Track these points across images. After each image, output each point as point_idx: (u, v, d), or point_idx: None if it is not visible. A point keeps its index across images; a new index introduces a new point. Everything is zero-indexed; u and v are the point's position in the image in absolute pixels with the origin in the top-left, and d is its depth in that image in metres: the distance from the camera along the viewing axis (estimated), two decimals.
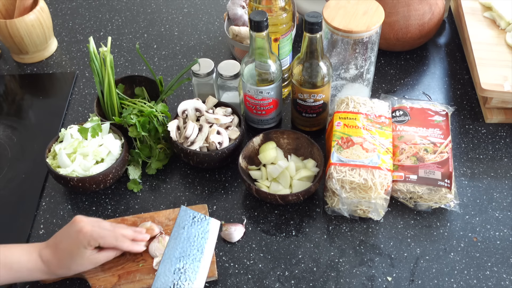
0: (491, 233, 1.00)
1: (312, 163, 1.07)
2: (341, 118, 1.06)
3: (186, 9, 1.48)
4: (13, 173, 1.13)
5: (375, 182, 0.96)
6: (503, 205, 1.04)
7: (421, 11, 1.21)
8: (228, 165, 1.11)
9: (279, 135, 1.10)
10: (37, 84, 1.31)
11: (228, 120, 1.09)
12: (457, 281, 0.94)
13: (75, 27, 1.44)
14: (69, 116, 1.23)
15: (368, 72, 1.14)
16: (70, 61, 1.36)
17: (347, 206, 0.99)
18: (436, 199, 1.01)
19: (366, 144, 1.01)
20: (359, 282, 0.94)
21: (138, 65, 1.34)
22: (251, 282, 0.95)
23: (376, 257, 0.98)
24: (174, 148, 1.08)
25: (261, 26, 0.98)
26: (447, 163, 1.02)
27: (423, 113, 1.11)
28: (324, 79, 1.04)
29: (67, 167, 1.02)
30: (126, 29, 1.43)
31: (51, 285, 0.96)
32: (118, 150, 1.06)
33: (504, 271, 0.95)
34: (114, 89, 1.09)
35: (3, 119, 1.24)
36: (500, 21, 1.24)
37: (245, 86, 1.08)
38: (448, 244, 0.99)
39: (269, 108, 1.11)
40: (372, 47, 1.08)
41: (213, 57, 1.33)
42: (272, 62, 1.04)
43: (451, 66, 1.30)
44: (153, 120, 1.08)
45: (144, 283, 0.93)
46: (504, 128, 1.17)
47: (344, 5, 1.07)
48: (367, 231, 1.01)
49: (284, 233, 1.01)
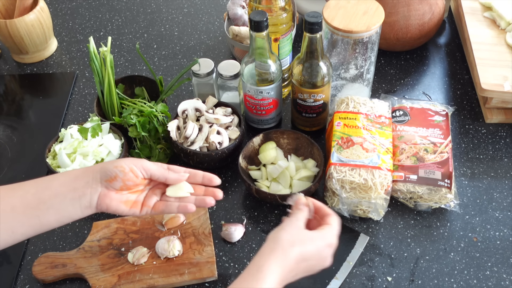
0: (491, 233, 1.00)
1: (312, 163, 1.07)
2: (341, 118, 1.06)
3: (186, 9, 1.48)
4: (13, 173, 1.13)
5: (375, 182, 0.96)
6: (503, 205, 1.04)
7: (421, 11, 1.21)
8: (228, 165, 1.11)
9: (279, 135, 1.10)
10: (37, 84, 1.31)
11: (228, 120, 1.09)
12: (457, 281, 0.94)
13: (75, 27, 1.44)
14: (69, 116, 1.23)
15: (368, 72, 1.14)
16: (70, 61, 1.36)
17: (347, 206, 0.99)
18: (436, 199, 1.01)
19: (366, 144, 1.01)
20: (359, 282, 0.94)
21: (138, 65, 1.34)
22: None
23: (376, 257, 0.98)
24: (174, 148, 1.08)
25: (261, 26, 0.98)
26: (447, 163, 1.02)
27: (423, 113, 1.11)
28: (324, 79, 1.04)
29: (67, 167, 1.02)
30: (126, 29, 1.43)
31: (51, 285, 0.96)
32: (118, 150, 1.06)
33: (504, 271, 0.95)
34: (114, 89, 1.09)
35: (3, 119, 1.24)
36: (500, 21, 1.24)
37: (245, 86, 1.08)
38: (448, 244, 0.99)
39: (269, 108, 1.11)
40: (372, 47, 1.08)
41: (213, 57, 1.33)
42: (272, 62, 1.04)
43: (451, 66, 1.30)
44: (153, 120, 1.08)
45: (144, 283, 0.93)
46: (504, 128, 1.17)
47: (344, 5, 1.07)
48: (367, 231, 1.01)
49: None
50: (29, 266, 0.98)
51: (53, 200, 0.77)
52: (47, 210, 0.77)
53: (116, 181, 0.79)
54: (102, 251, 0.98)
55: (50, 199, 0.77)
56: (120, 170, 0.79)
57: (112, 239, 0.99)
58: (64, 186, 0.78)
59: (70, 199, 0.78)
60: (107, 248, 0.98)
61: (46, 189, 0.78)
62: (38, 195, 0.77)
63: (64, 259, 0.97)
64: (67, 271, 0.96)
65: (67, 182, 0.79)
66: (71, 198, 0.78)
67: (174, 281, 0.94)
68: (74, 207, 0.79)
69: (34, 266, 0.96)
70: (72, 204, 0.78)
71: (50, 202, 0.77)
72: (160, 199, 0.85)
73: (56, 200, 0.78)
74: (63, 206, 0.78)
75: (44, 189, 0.78)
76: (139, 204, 0.83)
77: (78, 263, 0.96)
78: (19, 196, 0.77)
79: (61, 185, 0.78)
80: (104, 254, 0.97)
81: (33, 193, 0.77)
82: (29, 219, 0.77)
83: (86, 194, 0.79)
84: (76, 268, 0.96)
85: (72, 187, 0.78)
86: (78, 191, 0.78)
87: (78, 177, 0.79)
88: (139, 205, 0.83)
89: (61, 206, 0.78)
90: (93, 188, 0.79)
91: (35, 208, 0.77)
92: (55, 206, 0.78)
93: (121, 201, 0.81)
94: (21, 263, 0.99)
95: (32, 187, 0.78)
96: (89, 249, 0.98)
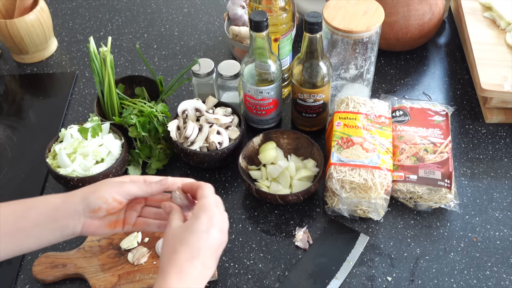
0: (491, 233, 1.00)
1: (312, 163, 1.07)
2: (341, 118, 1.06)
3: (186, 9, 1.48)
4: (13, 173, 1.13)
5: (375, 182, 0.96)
6: (503, 205, 1.04)
7: (421, 11, 1.21)
8: (228, 165, 1.11)
9: (279, 135, 1.10)
10: (37, 84, 1.31)
11: (228, 120, 1.09)
12: (457, 281, 0.94)
13: (75, 27, 1.44)
14: (69, 116, 1.23)
15: (368, 72, 1.14)
16: (70, 61, 1.36)
17: (347, 206, 0.99)
18: (436, 199, 1.01)
19: (366, 144, 1.01)
20: (359, 282, 0.94)
21: (138, 65, 1.34)
22: (251, 282, 0.95)
23: (376, 257, 0.98)
24: (174, 148, 1.08)
25: (261, 26, 0.98)
26: (447, 163, 1.02)
27: (423, 113, 1.11)
28: (324, 79, 1.04)
29: (67, 167, 1.02)
30: (126, 29, 1.43)
31: (51, 285, 0.96)
32: (118, 150, 1.06)
33: (504, 271, 0.95)
34: (114, 89, 1.09)
35: (3, 119, 1.24)
36: (500, 21, 1.24)
37: (245, 86, 1.08)
38: (448, 244, 0.99)
39: (269, 108, 1.11)
40: (372, 47, 1.08)
41: (213, 57, 1.33)
42: (272, 62, 1.04)
43: (451, 66, 1.30)
44: (153, 120, 1.08)
45: (144, 283, 0.93)
46: (504, 128, 1.17)
47: (344, 5, 1.07)
48: (367, 231, 1.01)
49: (284, 233, 1.01)
50: (29, 266, 0.98)
51: (33, 229, 0.75)
52: (27, 238, 0.75)
53: (100, 212, 0.77)
54: (102, 251, 0.98)
55: (30, 228, 0.75)
56: (103, 201, 0.76)
57: (112, 239, 0.99)
58: (44, 217, 0.75)
59: (51, 229, 0.75)
60: (107, 248, 0.98)
61: (25, 219, 0.75)
62: (17, 225, 0.74)
63: (64, 259, 0.97)
64: (67, 271, 0.96)
65: (47, 212, 0.75)
66: (52, 229, 0.75)
67: None
68: (55, 236, 0.76)
69: (34, 266, 0.96)
70: (53, 234, 0.76)
71: (30, 231, 0.75)
72: (139, 213, 0.82)
73: (36, 230, 0.75)
74: (43, 235, 0.75)
75: (22, 219, 0.75)
76: (120, 222, 0.80)
77: (78, 263, 0.96)
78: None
79: (40, 215, 0.75)
80: (104, 254, 0.97)
81: (12, 222, 0.74)
82: (7, 246, 0.74)
83: (69, 225, 0.76)
84: (76, 268, 0.96)
85: (52, 217, 0.75)
86: (59, 222, 0.76)
87: (59, 209, 0.76)
88: (121, 223, 0.80)
89: (41, 235, 0.75)
90: (75, 219, 0.76)
91: (14, 236, 0.74)
92: (34, 236, 0.75)
93: (105, 226, 0.79)
94: (21, 263, 0.99)
95: (10, 215, 0.75)
96: (89, 249, 0.98)
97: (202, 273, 0.71)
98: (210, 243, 0.72)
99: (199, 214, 0.73)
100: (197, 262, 0.70)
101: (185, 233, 0.72)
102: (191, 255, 0.70)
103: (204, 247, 0.71)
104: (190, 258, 0.70)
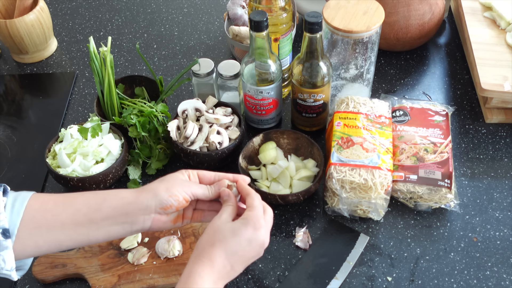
0: (491, 233, 1.00)
1: (312, 163, 1.07)
2: (341, 118, 1.06)
3: (186, 9, 1.48)
4: (13, 173, 1.13)
5: (375, 182, 0.96)
6: (503, 205, 1.04)
7: (421, 11, 1.21)
8: (228, 165, 1.11)
9: (279, 135, 1.10)
10: (37, 84, 1.31)
11: (228, 120, 1.08)
12: (457, 281, 0.94)
13: (75, 27, 1.44)
14: (69, 116, 1.23)
15: (368, 72, 1.14)
16: (70, 61, 1.36)
17: (347, 206, 0.99)
18: (436, 199, 1.01)
19: (366, 144, 1.01)
20: (359, 282, 0.94)
21: (138, 65, 1.34)
22: (251, 282, 0.95)
23: (376, 257, 0.98)
24: (174, 148, 1.08)
25: (261, 26, 0.98)
26: (447, 163, 1.02)
27: (423, 113, 1.11)
28: (324, 79, 1.04)
29: (67, 167, 1.02)
30: (126, 29, 1.43)
31: (51, 285, 0.96)
32: (118, 150, 1.06)
33: (504, 271, 0.95)
34: (114, 89, 1.09)
35: (3, 119, 1.24)
36: (500, 21, 1.24)
37: (245, 86, 1.08)
38: (448, 244, 0.99)
39: (269, 108, 1.11)
40: (372, 47, 1.08)
41: (213, 57, 1.33)
42: (272, 62, 1.04)
43: (451, 66, 1.30)
44: (153, 120, 1.08)
45: (144, 283, 0.93)
46: (504, 128, 1.17)
47: (344, 5, 1.07)
48: (367, 231, 1.01)
49: (284, 233, 1.01)
50: None
51: (104, 221, 0.78)
52: (97, 230, 0.78)
53: (170, 209, 0.80)
54: (102, 251, 0.98)
55: (101, 220, 0.78)
56: (175, 199, 0.79)
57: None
58: (116, 210, 0.78)
59: (121, 223, 0.78)
60: (107, 248, 0.98)
61: (97, 211, 0.78)
62: (89, 216, 0.77)
63: (64, 259, 0.97)
64: (67, 271, 0.96)
65: (119, 206, 0.78)
66: (122, 222, 0.78)
67: (174, 281, 0.94)
68: (125, 229, 0.79)
69: (34, 266, 0.96)
70: (123, 227, 0.79)
71: (101, 223, 0.78)
72: (195, 207, 0.86)
73: (106, 222, 0.78)
74: (113, 228, 0.78)
75: (95, 211, 0.78)
76: (181, 217, 0.84)
77: (78, 263, 0.96)
78: (70, 213, 0.77)
79: (113, 209, 0.78)
80: (104, 254, 0.97)
81: (84, 213, 0.77)
82: (78, 236, 0.77)
83: (139, 221, 0.79)
84: (76, 268, 0.96)
85: (124, 212, 0.78)
86: (130, 217, 0.78)
87: (131, 203, 0.79)
88: (181, 218, 0.85)
89: (111, 228, 0.78)
90: (146, 215, 0.79)
91: (85, 227, 0.77)
92: (105, 228, 0.78)
93: (170, 221, 0.82)
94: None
95: (84, 206, 0.78)
96: (89, 249, 0.98)
97: (228, 274, 0.76)
98: (246, 252, 0.76)
99: (249, 222, 0.77)
100: (227, 262, 0.75)
101: (229, 232, 0.76)
102: (225, 254, 0.75)
103: (239, 253, 0.76)
104: (223, 257, 0.75)
